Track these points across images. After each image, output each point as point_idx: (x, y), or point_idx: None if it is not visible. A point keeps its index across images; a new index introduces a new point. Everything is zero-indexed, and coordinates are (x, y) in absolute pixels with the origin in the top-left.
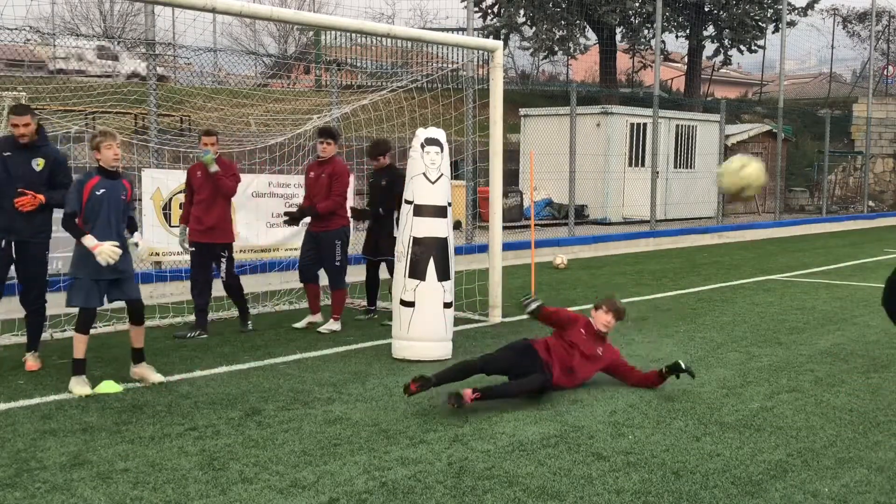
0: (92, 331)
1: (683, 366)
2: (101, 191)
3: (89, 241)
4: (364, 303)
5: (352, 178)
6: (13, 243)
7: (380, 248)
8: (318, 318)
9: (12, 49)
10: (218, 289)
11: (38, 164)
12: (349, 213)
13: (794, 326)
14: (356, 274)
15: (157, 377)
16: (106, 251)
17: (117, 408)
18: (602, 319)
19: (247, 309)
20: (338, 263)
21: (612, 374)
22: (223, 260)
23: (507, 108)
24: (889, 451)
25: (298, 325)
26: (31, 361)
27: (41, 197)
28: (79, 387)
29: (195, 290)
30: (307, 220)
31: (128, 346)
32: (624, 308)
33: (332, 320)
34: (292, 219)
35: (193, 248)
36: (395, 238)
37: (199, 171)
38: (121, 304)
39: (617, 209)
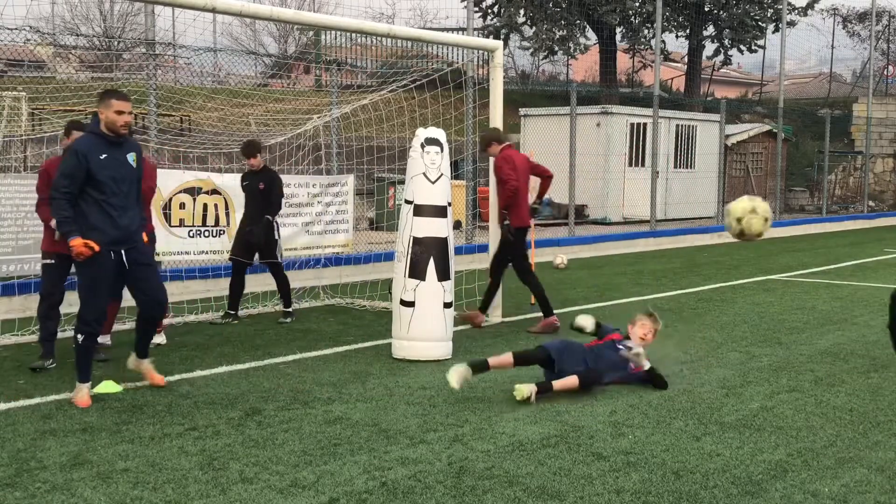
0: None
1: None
2: None
3: None
4: (364, 302)
5: (351, 178)
6: (123, 252)
7: (261, 251)
8: (106, 339)
9: (12, 49)
10: (222, 288)
11: (133, 158)
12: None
13: (794, 326)
14: (363, 274)
15: None
16: None
17: (117, 408)
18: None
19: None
20: None
21: None
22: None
23: (507, 108)
24: (889, 451)
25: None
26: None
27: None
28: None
29: (53, 310)
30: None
31: (128, 346)
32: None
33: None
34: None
35: (52, 261)
36: (277, 241)
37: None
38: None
39: (617, 209)
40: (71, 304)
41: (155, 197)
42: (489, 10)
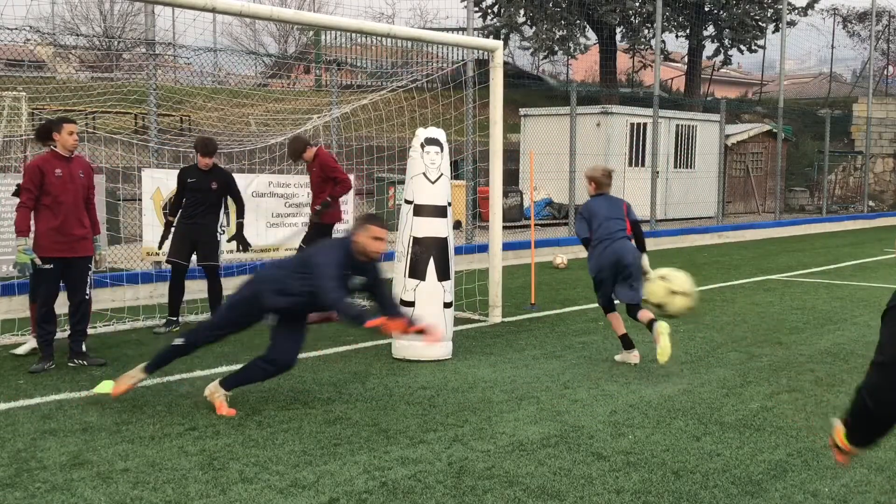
0: (91, 330)
1: None
2: None
3: None
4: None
5: (351, 178)
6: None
7: (203, 253)
8: (32, 341)
9: (12, 49)
10: (225, 288)
11: (359, 281)
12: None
13: (794, 326)
14: None
15: None
16: None
17: (117, 408)
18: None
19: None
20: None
21: None
22: (89, 276)
23: (507, 108)
24: (889, 451)
25: (19, 350)
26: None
27: None
28: None
29: (51, 314)
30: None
31: (128, 346)
32: None
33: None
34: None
35: (51, 266)
36: (219, 241)
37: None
38: (120, 303)
39: None
40: (62, 303)
41: (155, 196)
42: (489, 10)
